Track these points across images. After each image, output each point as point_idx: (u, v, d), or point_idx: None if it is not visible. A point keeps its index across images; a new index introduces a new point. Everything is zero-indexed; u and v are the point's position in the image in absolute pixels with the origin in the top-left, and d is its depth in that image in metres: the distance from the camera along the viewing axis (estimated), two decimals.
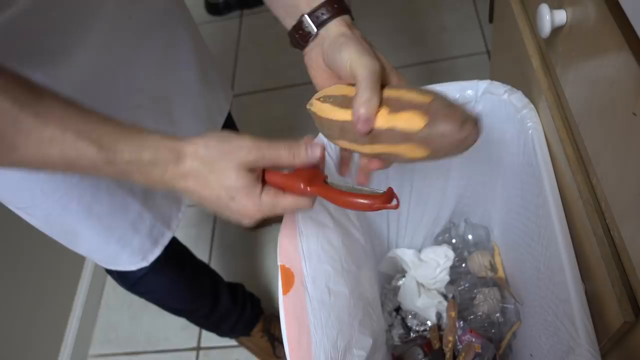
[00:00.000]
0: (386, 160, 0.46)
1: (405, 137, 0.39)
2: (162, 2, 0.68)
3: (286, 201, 0.43)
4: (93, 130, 0.40)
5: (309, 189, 0.42)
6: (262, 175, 0.44)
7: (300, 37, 0.48)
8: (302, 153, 0.43)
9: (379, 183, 0.76)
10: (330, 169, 0.59)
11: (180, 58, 0.72)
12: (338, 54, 0.44)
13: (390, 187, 0.42)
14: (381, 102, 0.41)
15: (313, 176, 0.43)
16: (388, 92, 0.42)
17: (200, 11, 1.94)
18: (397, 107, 0.40)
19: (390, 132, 0.40)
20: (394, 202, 0.41)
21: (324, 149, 0.43)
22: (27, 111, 0.37)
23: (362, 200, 0.42)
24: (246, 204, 0.42)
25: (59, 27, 0.52)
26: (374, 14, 1.73)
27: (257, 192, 0.43)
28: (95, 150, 0.39)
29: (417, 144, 0.39)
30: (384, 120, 0.40)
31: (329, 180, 0.44)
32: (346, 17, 0.46)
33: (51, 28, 0.52)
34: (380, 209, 0.42)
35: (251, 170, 0.42)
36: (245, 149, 0.41)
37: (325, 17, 0.46)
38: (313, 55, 0.48)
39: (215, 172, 0.42)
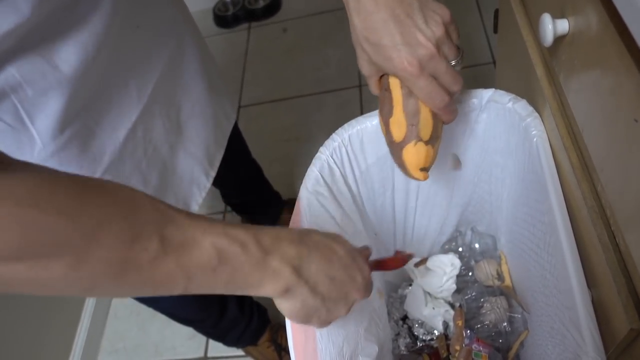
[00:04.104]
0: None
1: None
2: (168, 12, 0.70)
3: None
4: (233, 224, 0.39)
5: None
6: None
7: None
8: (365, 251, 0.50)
9: (384, 189, 0.76)
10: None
11: (188, 66, 0.74)
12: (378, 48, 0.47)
13: (397, 251, 0.59)
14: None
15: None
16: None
17: (208, 23, 1.97)
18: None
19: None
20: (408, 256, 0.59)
21: (369, 250, 0.52)
22: (178, 210, 0.36)
23: (396, 261, 0.57)
24: (364, 263, 0.46)
25: (71, 38, 0.54)
26: None
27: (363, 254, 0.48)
28: (244, 232, 0.38)
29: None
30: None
31: None
32: None
33: (64, 39, 0.53)
34: (406, 262, 0.59)
35: None
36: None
37: None
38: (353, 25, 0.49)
39: (335, 240, 0.44)
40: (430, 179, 0.75)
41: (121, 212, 0.32)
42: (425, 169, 0.54)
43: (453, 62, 0.48)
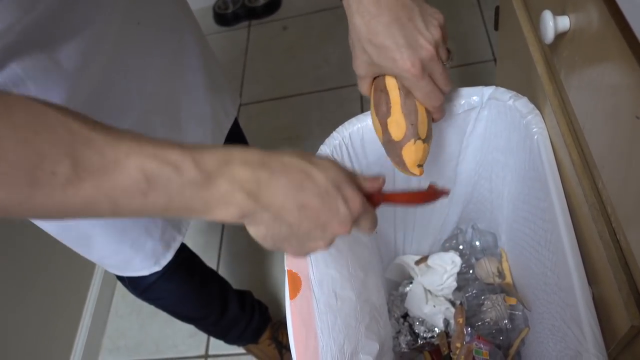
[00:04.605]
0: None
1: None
2: (169, 8, 0.70)
3: (371, 210, 0.44)
4: (169, 142, 0.35)
5: (383, 199, 0.46)
6: None
7: None
8: (373, 181, 0.44)
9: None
10: None
11: (188, 63, 0.74)
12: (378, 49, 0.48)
13: (431, 184, 0.49)
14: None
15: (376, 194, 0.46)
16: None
17: (209, 22, 1.96)
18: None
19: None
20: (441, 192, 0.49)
21: (383, 180, 0.46)
22: (98, 130, 0.33)
23: (424, 196, 0.49)
24: (353, 193, 0.40)
25: (73, 34, 0.54)
26: None
27: (355, 183, 0.42)
28: (179, 152, 0.34)
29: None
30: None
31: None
32: None
33: (66, 35, 0.53)
34: (438, 198, 0.49)
35: None
36: (330, 159, 0.42)
37: None
38: (351, 31, 0.50)
39: (316, 164, 0.39)
40: (431, 177, 0.76)
41: (19, 135, 0.30)
42: (421, 166, 0.56)
43: (445, 64, 0.51)
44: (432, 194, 0.49)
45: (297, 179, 0.38)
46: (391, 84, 0.52)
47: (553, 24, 0.50)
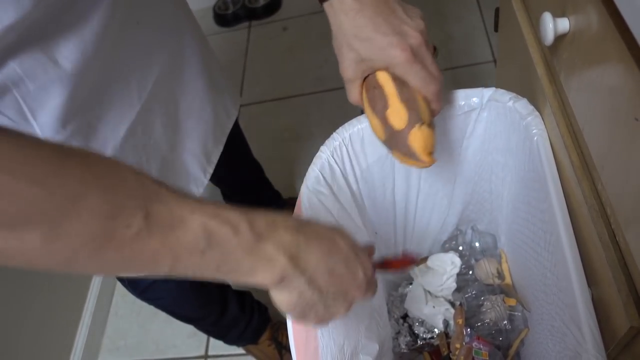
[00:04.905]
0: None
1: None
2: (169, 8, 0.70)
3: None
4: (226, 204, 0.37)
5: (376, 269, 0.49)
6: None
7: None
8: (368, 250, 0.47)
9: (384, 188, 0.76)
10: None
11: (188, 63, 0.74)
12: (367, 43, 0.49)
13: (403, 252, 0.57)
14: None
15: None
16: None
17: (208, 22, 1.97)
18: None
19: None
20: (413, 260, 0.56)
21: (373, 249, 0.49)
22: (166, 187, 0.34)
23: (403, 262, 0.55)
24: (366, 259, 0.43)
25: (72, 34, 0.54)
26: None
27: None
28: (237, 214, 0.36)
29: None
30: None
31: None
32: None
33: (65, 34, 0.53)
34: (412, 264, 0.55)
35: None
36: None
37: None
38: (337, 34, 0.52)
39: (337, 233, 0.42)
40: (431, 177, 0.76)
41: (101, 185, 0.30)
42: (431, 153, 0.53)
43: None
44: (409, 261, 0.55)
45: (326, 245, 0.40)
46: (383, 77, 0.51)
47: (553, 25, 0.50)
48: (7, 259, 0.29)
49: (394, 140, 0.53)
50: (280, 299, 0.40)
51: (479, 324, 0.80)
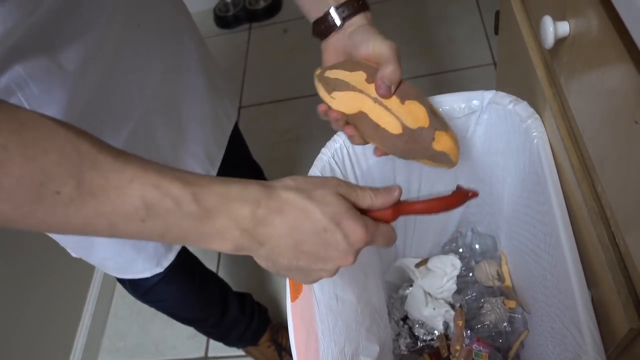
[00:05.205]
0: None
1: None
2: (169, 11, 0.70)
3: (384, 227, 0.42)
4: (175, 171, 0.36)
5: (399, 212, 0.43)
6: None
7: (325, 28, 0.54)
8: (385, 194, 0.42)
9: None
10: None
11: (188, 65, 0.74)
12: (363, 39, 0.51)
13: (458, 185, 0.45)
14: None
15: (392, 206, 0.43)
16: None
17: (209, 24, 1.97)
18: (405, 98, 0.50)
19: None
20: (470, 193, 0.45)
21: (400, 190, 0.43)
22: (106, 153, 0.33)
23: (449, 201, 0.44)
24: (354, 226, 0.39)
25: (75, 36, 0.54)
26: (383, 26, 1.74)
27: (359, 213, 0.40)
28: (181, 186, 0.35)
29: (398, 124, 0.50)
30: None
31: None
32: (367, 13, 0.53)
33: (68, 37, 0.53)
34: (466, 201, 0.45)
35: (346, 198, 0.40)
36: (334, 181, 0.41)
37: (349, 12, 0.52)
38: (332, 40, 0.54)
39: (315, 200, 0.38)
40: (432, 178, 0.76)
41: (28, 153, 0.31)
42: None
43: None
44: (459, 198, 0.44)
45: (293, 218, 0.38)
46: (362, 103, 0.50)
47: (553, 29, 0.50)
48: None
49: (410, 143, 0.51)
50: (255, 259, 0.40)
51: (479, 325, 0.80)
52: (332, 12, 0.52)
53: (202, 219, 0.35)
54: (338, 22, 0.53)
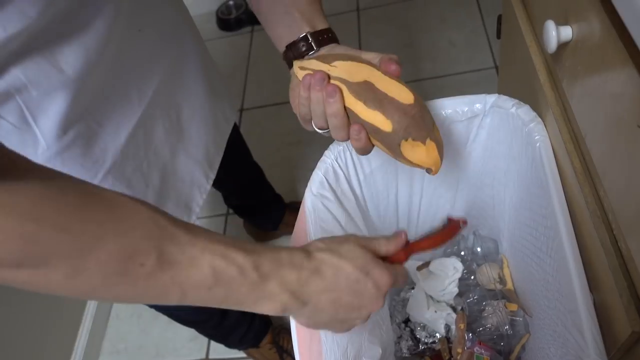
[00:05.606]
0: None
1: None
2: (170, 15, 0.71)
3: (400, 268, 0.48)
4: (234, 240, 0.40)
5: (411, 253, 0.50)
6: None
7: (299, 53, 0.55)
8: (396, 240, 0.49)
9: (388, 192, 0.77)
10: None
11: (188, 69, 0.74)
12: (347, 50, 0.52)
13: (449, 217, 0.55)
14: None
15: (403, 249, 0.50)
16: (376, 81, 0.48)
17: (212, 27, 1.98)
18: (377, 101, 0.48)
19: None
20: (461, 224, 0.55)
21: (406, 234, 0.50)
22: (179, 226, 0.37)
23: (446, 233, 0.54)
24: (381, 273, 0.44)
25: (76, 41, 0.54)
26: (384, 29, 1.75)
27: (382, 261, 0.46)
28: (244, 255, 0.39)
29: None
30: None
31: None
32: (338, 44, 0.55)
33: (69, 42, 0.54)
34: (460, 230, 0.55)
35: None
36: (354, 236, 0.46)
37: (324, 37, 0.54)
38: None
39: (344, 256, 0.43)
40: (434, 182, 0.76)
41: (120, 229, 0.34)
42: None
43: None
44: (453, 229, 0.53)
45: (329, 275, 0.42)
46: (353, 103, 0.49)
47: (556, 33, 0.50)
48: (34, 289, 0.33)
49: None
50: (295, 319, 0.45)
51: (480, 328, 0.80)
52: (309, 36, 0.53)
53: (258, 285, 0.39)
54: (315, 46, 0.54)
